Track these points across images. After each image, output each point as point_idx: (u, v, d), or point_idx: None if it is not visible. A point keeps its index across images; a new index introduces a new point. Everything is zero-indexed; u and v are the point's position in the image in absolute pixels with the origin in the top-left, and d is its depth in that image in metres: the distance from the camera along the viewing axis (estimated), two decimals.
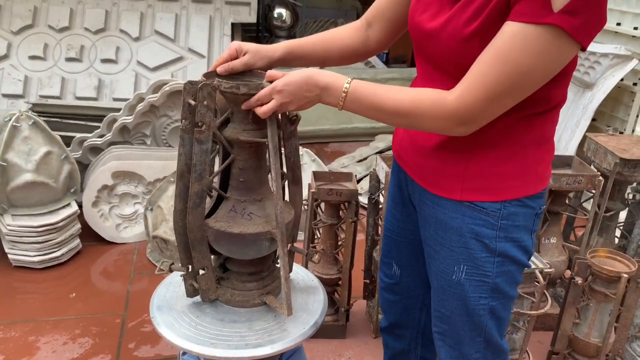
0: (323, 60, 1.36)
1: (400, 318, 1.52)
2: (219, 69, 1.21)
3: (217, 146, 1.27)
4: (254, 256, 1.29)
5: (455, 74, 1.06)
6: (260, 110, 1.12)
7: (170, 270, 1.31)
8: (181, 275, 1.31)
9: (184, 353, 1.42)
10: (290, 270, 1.41)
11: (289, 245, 1.33)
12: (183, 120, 1.17)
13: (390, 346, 1.60)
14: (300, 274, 1.51)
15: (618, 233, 2.40)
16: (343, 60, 1.37)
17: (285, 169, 1.31)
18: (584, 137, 3.24)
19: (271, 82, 1.13)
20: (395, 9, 1.28)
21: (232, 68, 1.21)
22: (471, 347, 1.26)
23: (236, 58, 1.23)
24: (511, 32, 0.95)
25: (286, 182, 1.33)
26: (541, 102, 1.08)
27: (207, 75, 1.20)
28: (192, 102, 1.15)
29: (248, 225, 1.23)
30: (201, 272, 1.28)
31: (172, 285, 1.41)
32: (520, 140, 1.11)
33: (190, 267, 1.29)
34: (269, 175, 1.24)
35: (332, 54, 1.34)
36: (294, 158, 1.30)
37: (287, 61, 1.30)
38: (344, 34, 1.35)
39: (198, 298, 1.33)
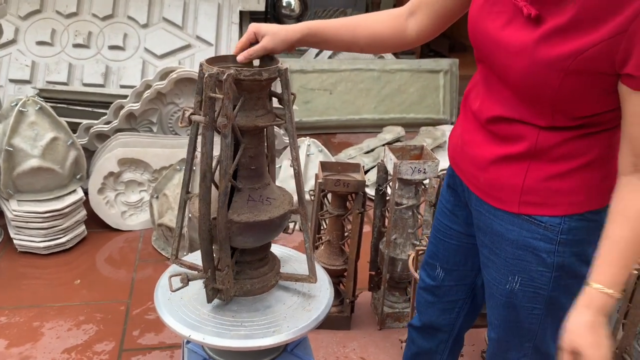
0: (348, 46, 1.28)
1: (435, 320, 1.46)
2: (239, 58, 1.17)
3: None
4: (273, 238, 1.30)
5: (519, 90, 1.02)
6: None
7: (187, 283, 1.25)
8: (204, 282, 1.27)
9: (188, 342, 1.41)
10: None
11: None
12: (204, 117, 1.11)
13: (417, 343, 1.54)
14: (281, 250, 1.53)
15: None
16: (372, 48, 1.29)
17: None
18: None
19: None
20: (445, 1, 1.19)
21: (253, 54, 1.17)
22: (518, 352, 1.23)
23: (255, 41, 1.19)
24: None
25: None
26: (613, 120, 1.03)
27: (210, 61, 1.17)
28: (219, 96, 1.10)
29: (272, 210, 1.23)
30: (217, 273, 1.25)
31: (175, 295, 1.33)
32: (584, 156, 1.05)
33: (210, 271, 1.25)
34: (289, 156, 1.24)
35: (360, 41, 1.26)
36: (272, 137, 1.31)
37: (308, 43, 1.24)
38: (377, 21, 1.25)
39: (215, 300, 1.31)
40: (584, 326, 0.99)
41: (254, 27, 1.19)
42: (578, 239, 1.10)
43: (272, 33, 1.19)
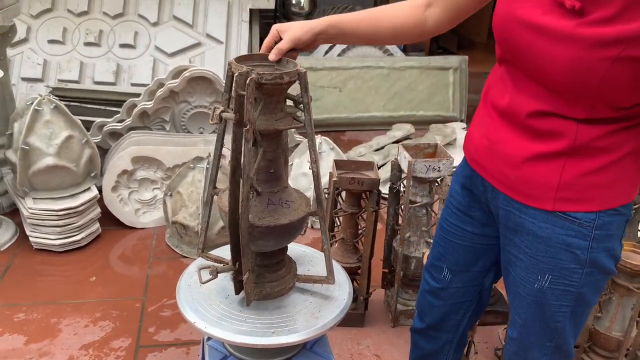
0: (370, 38, 1.28)
1: (439, 322, 1.46)
2: (271, 57, 1.18)
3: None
4: (292, 241, 1.31)
5: (560, 81, 1.00)
6: None
7: (216, 275, 1.27)
8: (232, 274, 1.29)
9: (209, 339, 1.43)
10: None
11: None
12: (235, 114, 1.13)
13: (420, 346, 1.54)
14: (296, 249, 1.54)
15: None
16: (395, 39, 1.30)
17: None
18: None
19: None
20: None
21: (282, 49, 1.18)
22: (539, 351, 1.23)
23: (279, 39, 1.20)
24: None
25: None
26: None
27: (238, 60, 1.18)
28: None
29: (292, 213, 1.24)
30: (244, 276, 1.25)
31: (197, 293, 1.35)
32: (621, 150, 1.06)
33: (237, 264, 1.27)
34: (308, 159, 1.24)
35: (381, 32, 1.26)
36: (286, 139, 1.32)
37: (330, 36, 1.23)
38: (397, 13, 1.25)
39: (230, 295, 1.33)
40: None
41: (276, 26, 1.21)
42: (610, 233, 1.10)
43: (294, 25, 1.20)
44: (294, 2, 5.02)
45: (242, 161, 1.16)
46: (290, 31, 1.19)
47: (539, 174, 1.09)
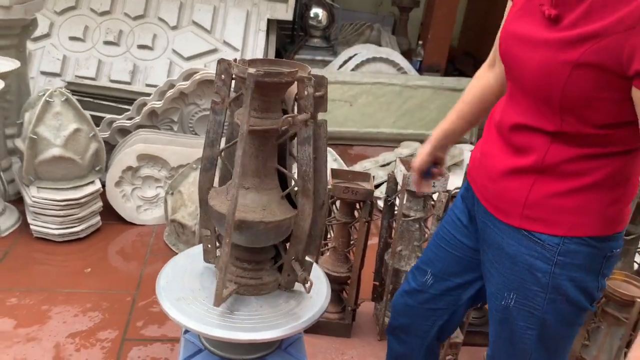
0: (482, 117, 1.39)
1: (409, 323, 1.49)
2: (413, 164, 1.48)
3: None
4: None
5: (532, 88, 1.05)
6: None
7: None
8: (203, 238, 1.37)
9: (185, 332, 1.44)
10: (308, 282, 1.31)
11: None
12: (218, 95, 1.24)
13: (392, 348, 1.58)
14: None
15: (638, 258, 2.34)
16: (486, 112, 1.38)
17: (296, 175, 1.22)
18: None
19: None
20: None
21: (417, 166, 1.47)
22: None
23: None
24: None
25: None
26: (628, 141, 1.03)
27: (248, 61, 1.20)
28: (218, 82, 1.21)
29: (223, 205, 1.23)
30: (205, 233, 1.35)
31: (175, 284, 1.40)
32: (589, 177, 1.05)
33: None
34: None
35: (487, 107, 1.36)
36: (306, 167, 1.18)
37: (457, 137, 1.45)
38: (486, 83, 1.34)
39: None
40: None
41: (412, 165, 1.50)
42: (577, 263, 1.08)
43: (416, 159, 1.48)
44: (312, 15, 5.08)
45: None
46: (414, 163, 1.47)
47: (510, 189, 1.12)
